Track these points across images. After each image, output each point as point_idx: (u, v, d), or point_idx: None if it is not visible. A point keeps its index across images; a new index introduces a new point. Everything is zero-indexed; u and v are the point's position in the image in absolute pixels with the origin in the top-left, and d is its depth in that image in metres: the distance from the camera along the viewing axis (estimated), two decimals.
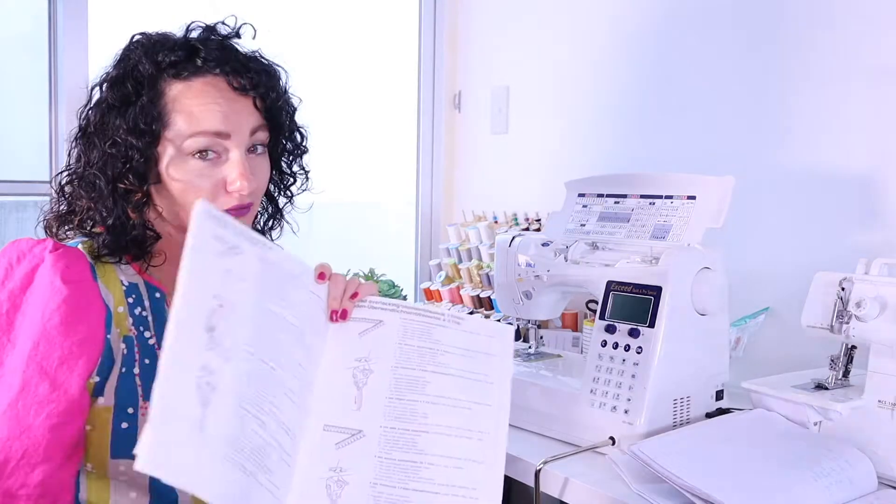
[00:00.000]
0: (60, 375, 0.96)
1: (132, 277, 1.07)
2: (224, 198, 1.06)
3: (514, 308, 1.58)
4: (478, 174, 2.49)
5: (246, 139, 1.07)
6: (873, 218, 1.53)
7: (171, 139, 1.04)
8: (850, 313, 1.21)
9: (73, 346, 0.97)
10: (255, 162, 1.09)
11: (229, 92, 1.06)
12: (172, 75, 1.05)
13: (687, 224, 1.37)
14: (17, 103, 2.01)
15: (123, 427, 1.01)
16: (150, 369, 1.04)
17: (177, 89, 1.05)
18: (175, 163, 1.05)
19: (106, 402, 1.00)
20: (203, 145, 1.04)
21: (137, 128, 1.04)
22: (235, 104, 1.06)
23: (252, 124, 1.08)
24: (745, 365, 1.60)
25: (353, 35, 2.45)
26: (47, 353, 0.96)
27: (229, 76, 1.07)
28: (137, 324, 1.05)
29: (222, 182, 1.05)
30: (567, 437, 1.35)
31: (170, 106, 1.05)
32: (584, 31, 2.13)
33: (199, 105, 1.04)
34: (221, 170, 1.06)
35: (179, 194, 1.06)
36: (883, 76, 1.52)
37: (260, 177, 1.10)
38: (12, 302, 0.99)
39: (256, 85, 1.08)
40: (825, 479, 1.11)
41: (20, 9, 1.99)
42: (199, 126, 1.04)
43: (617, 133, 2.04)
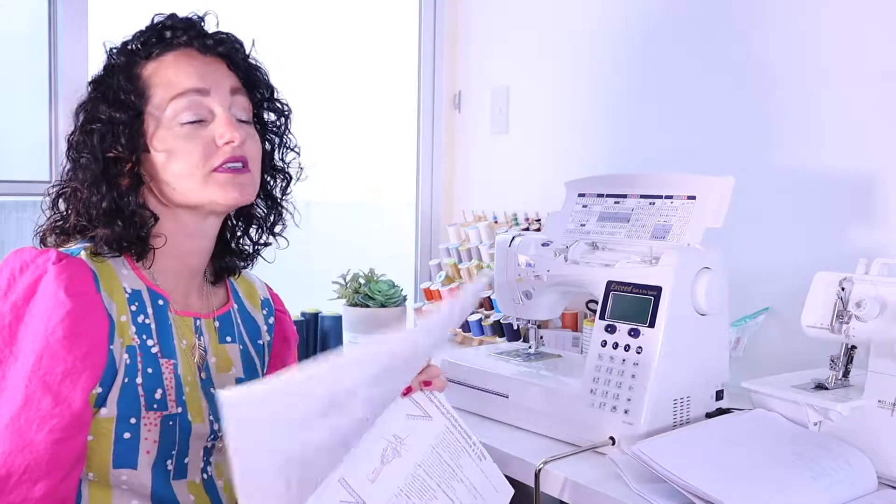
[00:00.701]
0: (63, 390, 0.95)
1: (135, 284, 1.06)
2: (216, 155, 1.06)
3: (514, 308, 1.58)
4: (478, 174, 2.49)
5: (227, 97, 1.08)
6: (873, 218, 1.53)
7: (154, 112, 1.06)
8: (850, 313, 1.21)
9: (77, 360, 0.96)
10: (245, 129, 1.10)
11: (201, 57, 1.09)
12: (144, 57, 1.08)
13: (687, 224, 1.37)
14: (16, 103, 2.01)
15: (126, 437, 1.01)
16: (152, 378, 1.03)
17: (151, 67, 1.08)
18: (161, 133, 1.06)
19: (108, 412, 1.00)
20: (186, 107, 1.05)
21: (118, 101, 1.06)
22: (210, 65, 1.09)
23: (231, 83, 1.09)
24: (745, 365, 1.60)
25: (354, 35, 2.45)
26: (50, 368, 0.95)
27: (198, 43, 1.09)
28: (140, 332, 1.04)
29: (212, 140, 1.06)
30: (567, 437, 1.35)
31: (147, 82, 1.07)
32: (583, 31, 2.13)
33: (175, 71, 1.07)
34: (209, 129, 1.06)
35: (166, 164, 1.06)
36: (883, 76, 1.52)
37: (252, 142, 1.10)
38: (15, 314, 0.98)
39: (227, 48, 1.10)
40: (825, 479, 1.11)
41: (20, 8, 1.99)
42: (178, 87, 1.06)
43: (617, 133, 2.04)
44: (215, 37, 1.11)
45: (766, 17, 1.71)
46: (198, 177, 1.06)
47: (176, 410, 1.04)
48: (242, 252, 1.22)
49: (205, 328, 1.14)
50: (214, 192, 1.06)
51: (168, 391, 1.04)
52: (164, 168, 1.06)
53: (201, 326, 1.13)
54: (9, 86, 1.98)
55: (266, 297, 1.28)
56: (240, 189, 1.08)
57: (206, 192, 1.06)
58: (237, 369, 1.16)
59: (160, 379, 1.04)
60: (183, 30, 1.09)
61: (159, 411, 1.03)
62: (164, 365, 1.05)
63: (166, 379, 1.05)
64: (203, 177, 1.06)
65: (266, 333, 1.24)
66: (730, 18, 1.78)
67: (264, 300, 1.27)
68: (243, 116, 1.10)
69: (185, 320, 1.11)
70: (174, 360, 1.06)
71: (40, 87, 1.96)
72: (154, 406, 1.02)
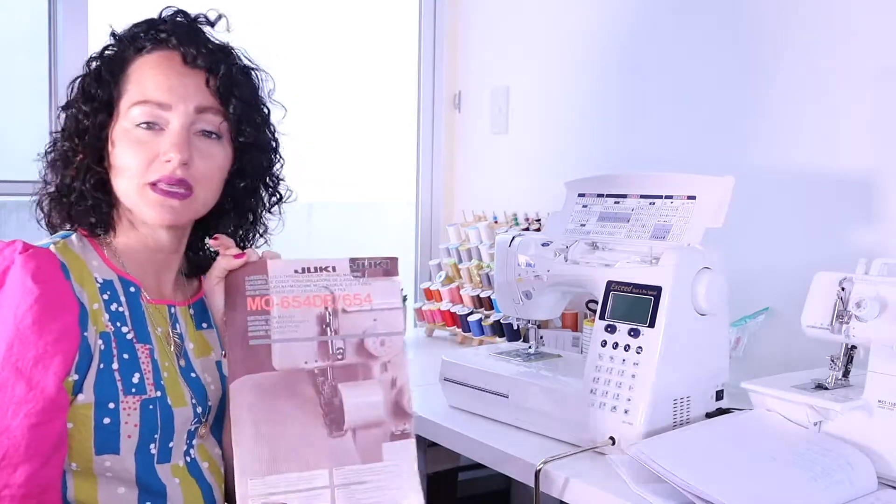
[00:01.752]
0: (36, 375, 0.96)
1: (106, 273, 1.08)
2: (155, 169, 1.05)
3: (514, 308, 1.58)
4: (478, 174, 2.49)
5: (190, 115, 1.07)
6: (873, 218, 1.53)
7: (122, 108, 1.08)
8: (850, 313, 1.21)
9: (48, 345, 0.97)
10: (202, 143, 1.08)
11: (180, 66, 1.08)
12: (135, 49, 1.09)
13: (687, 224, 1.37)
14: (16, 103, 2.01)
15: (105, 422, 1.01)
16: (128, 364, 1.04)
17: (137, 63, 1.09)
18: (120, 130, 1.07)
19: (86, 398, 1.00)
20: (145, 114, 1.06)
21: (89, 94, 1.08)
22: (185, 78, 1.08)
23: (199, 101, 1.08)
24: (745, 365, 1.60)
25: (354, 35, 2.46)
26: (22, 354, 0.96)
27: (183, 49, 1.09)
28: (114, 319, 1.05)
29: (157, 153, 1.06)
30: (567, 437, 1.35)
31: (127, 76, 1.08)
32: (583, 31, 2.13)
33: (149, 77, 1.08)
34: (160, 140, 1.06)
35: (115, 159, 1.07)
36: (883, 76, 1.52)
37: (205, 161, 1.08)
38: None
39: (211, 62, 1.09)
40: (825, 479, 1.11)
41: (20, 8, 1.99)
42: (144, 95, 1.07)
43: (617, 133, 2.04)
44: (202, 48, 1.09)
45: (766, 17, 1.71)
46: (133, 186, 1.06)
47: (155, 394, 1.05)
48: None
49: (180, 315, 1.15)
50: (145, 209, 1.07)
51: (146, 374, 1.05)
52: (114, 163, 1.08)
53: (176, 314, 1.14)
54: (9, 86, 1.98)
55: None
56: (171, 212, 1.07)
57: (139, 204, 1.07)
58: (216, 353, 1.18)
59: (136, 363, 1.05)
60: (176, 33, 1.09)
61: (138, 395, 1.03)
62: (139, 350, 1.06)
63: (143, 363, 1.06)
64: (138, 187, 1.06)
65: None
66: (730, 18, 1.78)
67: None
68: (208, 128, 1.09)
69: (158, 308, 1.12)
70: (150, 346, 1.08)
71: (40, 87, 1.97)
72: (132, 390, 1.03)
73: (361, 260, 1.08)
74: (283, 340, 1.04)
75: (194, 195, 1.08)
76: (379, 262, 1.09)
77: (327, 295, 1.06)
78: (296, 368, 1.04)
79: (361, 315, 1.07)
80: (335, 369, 1.05)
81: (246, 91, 1.13)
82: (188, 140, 1.06)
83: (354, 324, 1.07)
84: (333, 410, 1.03)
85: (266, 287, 1.06)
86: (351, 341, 1.06)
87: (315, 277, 1.07)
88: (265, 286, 1.06)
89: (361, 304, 1.07)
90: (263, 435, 1.01)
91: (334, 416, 1.03)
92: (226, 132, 1.11)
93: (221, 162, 1.11)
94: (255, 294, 1.05)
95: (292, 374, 1.04)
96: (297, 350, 1.04)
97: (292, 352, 1.04)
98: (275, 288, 1.06)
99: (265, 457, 1.01)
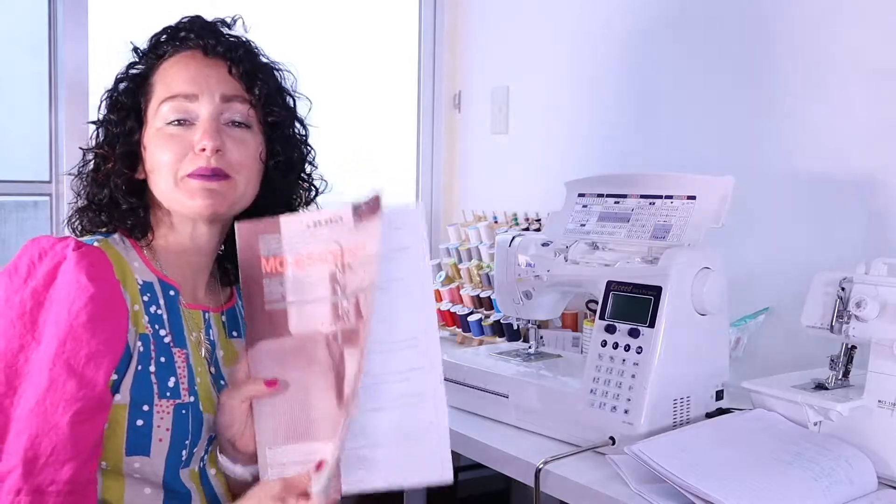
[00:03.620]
0: (88, 373, 0.96)
1: (147, 276, 1.08)
2: (190, 160, 1.06)
3: (514, 308, 1.58)
4: (478, 174, 2.49)
5: (217, 104, 1.08)
6: (873, 218, 1.53)
7: (150, 111, 1.09)
8: (850, 313, 1.22)
9: (100, 343, 0.97)
10: (234, 133, 1.09)
11: (203, 59, 1.10)
12: (157, 56, 1.11)
13: (687, 224, 1.37)
14: (17, 103, 2.01)
15: (138, 424, 1.01)
16: (165, 367, 1.04)
17: (161, 67, 1.11)
18: (151, 132, 1.08)
19: (122, 399, 1.01)
20: (174, 110, 1.07)
21: (117, 103, 1.10)
22: (207, 69, 1.09)
23: (224, 90, 1.09)
24: (745, 365, 1.60)
25: (354, 35, 2.46)
26: (74, 351, 0.96)
27: (204, 43, 1.10)
28: (153, 321, 1.05)
29: (190, 145, 1.06)
30: (567, 437, 1.35)
31: (152, 81, 1.10)
32: (583, 31, 2.13)
33: (172, 74, 1.09)
34: (191, 133, 1.07)
35: (150, 160, 1.08)
36: (883, 76, 1.52)
37: (238, 147, 1.09)
38: (36, 299, 0.99)
39: (230, 52, 1.10)
40: (825, 479, 1.11)
41: (20, 8, 1.99)
42: (170, 91, 1.08)
43: (617, 133, 2.04)
44: (220, 38, 1.11)
45: (765, 17, 1.71)
46: (170, 181, 1.07)
47: (189, 399, 1.05)
48: None
49: (213, 322, 1.15)
50: (186, 200, 1.07)
51: (181, 380, 1.05)
52: (149, 167, 1.09)
53: (210, 320, 1.14)
54: (9, 85, 1.98)
55: None
56: (210, 196, 1.06)
57: (179, 197, 1.07)
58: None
59: (173, 367, 1.05)
60: (194, 31, 1.11)
61: (172, 399, 1.04)
62: (176, 354, 1.06)
63: (179, 368, 1.06)
64: (175, 181, 1.07)
65: None
66: (729, 19, 1.78)
67: None
68: (237, 118, 1.10)
69: (194, 313, 1.12)
70: (186, 350, 1.08)
71: (40, 87, 1.97)
72: (167, 394, 1.03)
73: (359, 204, 1.00)
74: (299, 303, 1.00)
75: (233, 179, 1.08)
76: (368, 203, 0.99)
77: (336, 250, 0.99)
78: (312, 332, 1.00)
79: (360, 268, 0.98)
80: (343, 333, 0.98)
81: (269, 77, 1.14)
82: (218, 128, 1.07)
83: (357, 278, 0.98)
84: (340, 380, 0.99)
85: (279, 246, 1.01)
86: (352, 300, 0.98)
87: (326, 231, 1.00)
88: (279, 245, 1.01)
89: (360, 254, 0.98)
90: (281, 404, 1.00)
91: (341, 386, 0.99)
92: (255, 121, 1.12)
93: (254, 149, 1.11)
94: (269, 254, 1.01)
95: (309, 338, 1.00)
96: (312, 312, 1.00)
97: (309, 314, 1.00)
98: (288, 246, 1.01)
99: (283, 426, 1.00)
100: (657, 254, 1.33)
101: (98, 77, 2.01)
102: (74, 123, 1.95)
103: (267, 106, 1.12)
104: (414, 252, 0.99)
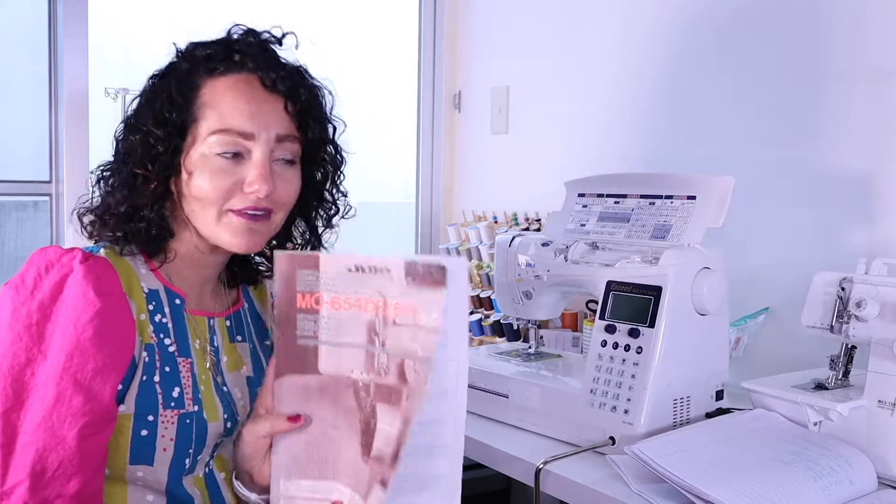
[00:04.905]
0: (95, 387, 0.96)
1: (153, 283, 1.07)
2: (239, 197, 1.04)
3: (514, 308, 1.58)
4: (478, 174, 2.49)
5: (271, 143, 1.05)
6: (873, 218, 1.53)
7: (198, 133, 1.04)
8: (850, 313, 1.21)
9: (107, 358, 0.97)
10: (282, 170, 1.07)
11: (261, 91, 1.05)
12: (208, 70, 1.06)
13: (687, 224, 1.37)
14: (17, 103, 2.01)
15: (143, 434, 1.01)
16: (170, 377, 1.04)
17: (211, 85, 1.05)
18: (197, 157, 1.04)
19: (126, 409, 1.00)
20: (226, 143, 1.03)
21: (161, 117, 1.04)
22: (265, 105, 1.05)
23: (280, 130, 1.06)
24: (745, 365, 1.60)
25: (354, 35, 2.46)
26: (81, 365, 0.96)
27: (262, 73, 1.06)
28: (158, 331, 1.05)
29: (241, 182, 1.04)
30: (567, 437, 1.35)
31: (202, 101, 1.04)
32: (583, 31, 2.13)
33: (228, 102, 1.04)
34: (242, 169, 1.04)
35: (191, 188, 1.04)
36: (883, 76, 1.52)
37: (286, 187, 1.07)
38: (42, 312, 0.98)
39: (289, 86, 1.07)
40: (825, 479, 1.11)
41: (20, 9, 2.00)
42: (225, 123, 1.03)
43: (617, 133, 2.04)
44: (280, 71, 1.07)
45: (765, 17, 1.71)
46: (213, 213, 1.04)
47: (193, 409, 1.05)
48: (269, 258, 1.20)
49: (217, 327, 1.14)
50: (224, 234, 1.05)
51: (185, 389, 1.05)
52: (188, 191, 1.05)
53: (214, 325, 1.13)
54: (9, 86, 1.98)
55: None
56: (250, 237, 1.05)
57: (216, 229, 1.05)
58: (247, 368, 1.16)
59: (177, 377, 1.05)
60: (252, 55, 1.06)
61: (176, 409, 1.03)
62: (181, 364, 1.06)
63: (183, 377, 1.05)
64: (218, 213, 1.04)
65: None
66: (728, 19, 1.78)
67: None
68: (288, 156, 1.08)
69: (198, 320, 1.11)
70: (190, 359, 1.07)
71: (40, 88, 1.97)
72: (171, 404, 1.03)
73: (415, 264, 0.94)
74: (331, 343, 0.98)
75: (273, 217, 1.07)
76: (430, 269, 0.93)
77: (379, 300, 0.95)
78: (341, 376, 0.97)
79: (407, 330, 0.94)
80: (378, 387, 0.95)
81: (320, 111, 1.12)
82: (271, 170, 1.05)
83: (401, 338, 0.94)
84: (368, 433, 0.96)
85: (316, 283, 0.98)
86: (395, 359, 0.94)
87: (368, 278, 0.96)
88: (316, 282, 0.98)
89: (408, 316, 0.94)
90: (301, 439, 0.98)
91: (368, 440, 0.96)
92: (298, 156, 1.10)
93: (297, 186, 1.10)
94: (305, 290, 0.98)
95: (337, 380, 0.97)
96: (344, 356, 0.97)
97: (339, 357, 0.97)
98: (325, 285, 0.97)
99: (300, 460, 0.98)
100: (657, 254, 1.33)
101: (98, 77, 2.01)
102: (74, 124, 1.95)
103: (318, 147, 1.12)
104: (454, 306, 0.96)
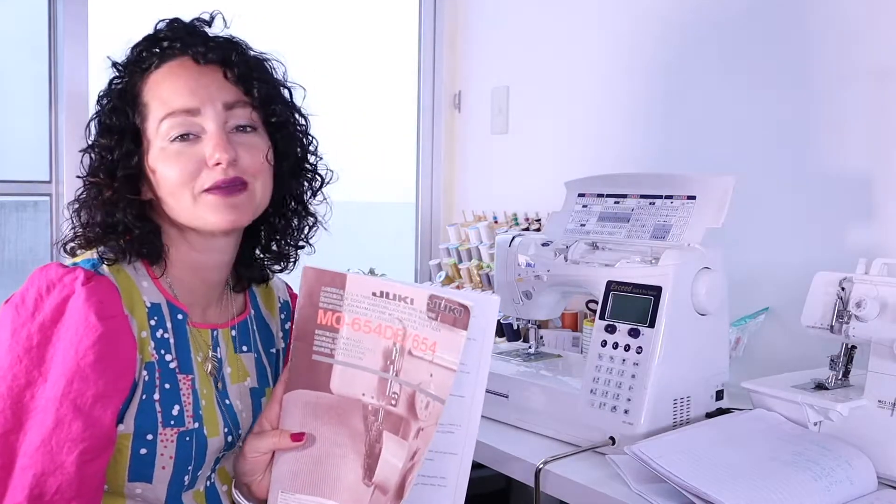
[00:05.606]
0: (95, 412, 0.95)
1: (155, 297, 1.05)
2: (206, 174, 1.01)
3: (514, 308, 1.58)
4: (478, 174, 2.49)
5: (220, 113, 1.03)
6: (873, 218, 1.53)
7: (150, 130, 1.03)
8: (850, 313, 1.21)
9: (108, 383, 0.96)
10: (241, 138, 1.05)
11: (195, 67, 1.04)
12: (142, 70, 1.05)
13: (687, 224, 1.37)
14: (17, 103, 2.01)
15: (142, 453, 1.00)
16: (169, 395, 1.02)
17: (148, 82, 1.04)
18: (157, 153, 1.03)
19: (125, 429, 0.99)
20: (177, 126, 1.02)
21: (106, 126, 1.04)
22: (202, 78, 1.03)
23: (225, 98, 1.04)
24: (745, 365, 1.60)
25: (354, 35, 2.46)
26: (81, 391, 0.94)
27: (192, 51, 1.04)
28: (159, 347, 1.03)
29: (202, 159, 1.02)
30: (567, 437, 1.35)
31: (143, 99, 1.04)
32: (583, 31, 2.13)
33: (166, 87, 1.03)
34: (200, 148, 1.02)
35: (159, 183, 1.03)
36: (883, 76, 1.52)
37: (250, 152, 1.05)
38: (43, 334, 0.96)
39: (222, 55, 1.05)
40: (825, 479, 1.11)
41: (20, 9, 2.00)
42: (169, 107, 1.02)
43: (617, 133, 2.04)
44: (210, 43, 1.05)
45: (765, 18, 1.71)
46: (187, 198, 1.02)
47: (193, 426, 1.03)
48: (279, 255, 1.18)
49: (221, 338, 1.12)
50: (204, 214, 1.03)
51: (185, 407, 1.03)
52: (159, 187, 1.04)
53: (218, 337, 1.11)
54: (9, 87, 1.98)
55: (286, 299, 1.24)
56: (233, 211, 1.03)
57: (195, 213, 1.03)
58: (252, 379, 1.14)
59: (178, 395, 1.03)
60: (178, 38, 1.05)
61: (176, 427, 1.02)
62: (181, 381, 1.04)
63: (184, 395, 1.03)
64: (192, 198, 1.02)
65: (280, 340, 1.21)
66: (728, 20, 1.78)
67: (283, 303, 1.23)
68: (243, 122, 1.05)
69: (202, 332, 1.09)
70: (192, 375, 1.05)
71: (41, 88, 1.97)
72: (171, 422, 1.01)
73: (440, 299, 0.94)
74: (346, 364, 0.98)
75: (251, 188, 1.05)
76: (453, 308, 0.93)
77: (399, 329, 0.95)
78: (352, 397, 0.97)
79: (423, 364, 0.94)
80: (387, 414, 0.96)
81: (265, 74, 1.09)
82: (228, 138, 1.03)
83: (416, 370, 0.95)
84: (372, 457, 0.96)
85: (340, 303, 0.98)
86: (407, 390, 0.95)
87: (391, 305, 0.96)
88: (339, 301, 0.98)
89: (426, 350, 0.94)
90: (303, 453, 0.98)
91: (371, 463, 0.96)
92: (258, 122, 1.07)
93: (264, 151, 1.07)
94: (327, 307, 0.98)
95: (347, 401, 0.97)
96: (357, 378, 0.97)
97: (353, 378, 0.98)
98: (348, 306, 0.98)
99: (302, 475, 0.98)
100: (657, 254, 1.33)
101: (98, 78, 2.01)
102: (74, 124, 1.95)
103: (268, 105, 1.08)
104: (479, 344, 0.96)
